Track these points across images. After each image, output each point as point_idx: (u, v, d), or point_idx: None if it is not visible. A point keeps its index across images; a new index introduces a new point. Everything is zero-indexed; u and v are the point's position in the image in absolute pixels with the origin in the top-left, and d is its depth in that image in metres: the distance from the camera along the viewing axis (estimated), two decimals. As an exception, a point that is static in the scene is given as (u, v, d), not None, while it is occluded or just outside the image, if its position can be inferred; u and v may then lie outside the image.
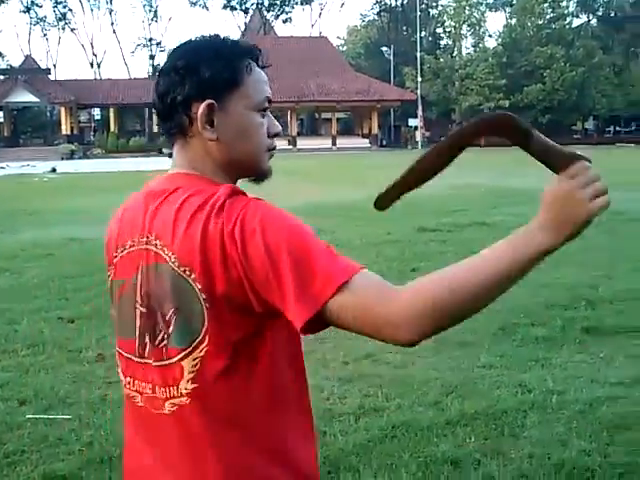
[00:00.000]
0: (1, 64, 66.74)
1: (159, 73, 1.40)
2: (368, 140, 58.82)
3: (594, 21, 75.87)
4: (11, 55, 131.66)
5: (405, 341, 1.19)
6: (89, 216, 15.09)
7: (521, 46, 61.23)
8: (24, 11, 71.43)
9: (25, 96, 53.21)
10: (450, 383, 4.79)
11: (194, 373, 1.30)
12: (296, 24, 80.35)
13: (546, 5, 62.85)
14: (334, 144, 54.40)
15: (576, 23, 70.99)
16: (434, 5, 74.89)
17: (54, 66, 74.21)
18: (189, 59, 1.37)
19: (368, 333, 1.22)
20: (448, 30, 68.97)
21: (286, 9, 77.68)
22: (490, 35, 73.95)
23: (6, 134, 55.38)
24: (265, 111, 1.46)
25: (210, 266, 1.25)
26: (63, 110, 55.44)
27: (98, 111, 62.92)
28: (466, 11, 64.82)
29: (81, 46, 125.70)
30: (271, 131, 1.47)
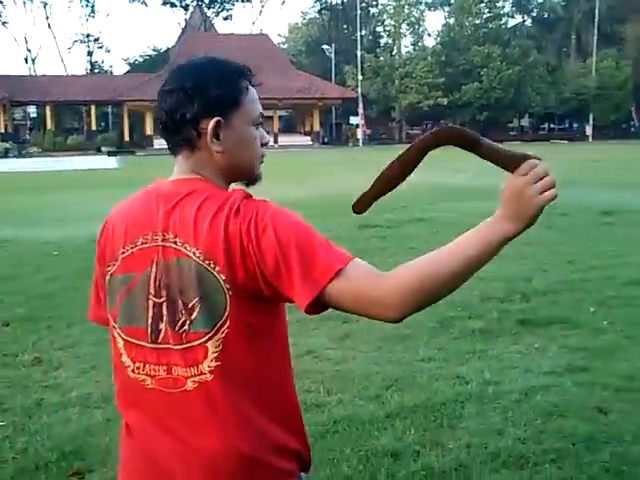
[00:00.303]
0: None
1: (164, 91, 1.59)
2: (310, 138, 59.00)
3: (529, 21, 77.59)
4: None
5: (392, 319, 1.44)
6: (23, 217, 14.81)
7: (459, 45, 62.13)
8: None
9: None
10: (390, 377, 4.85)
11: (217, 352, 1.50)
12: (237, 21, 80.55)
13: (483, 5, 63.91)
14: (276, 142, 54.34)
15: (512, 23, 72.49)
16: (374, 4, 75.45)
17: (-16, 61, 72.21)
18: (196, 80, 1.56)
19: (360, 312, 1.46)
20: (388, 29, 69.47)
21: (226, 6, 77.37)
22: (429, 34, 75.09)
23: None
24: (259, 125, 1.67)
25: (232, 260, 1.47)
26: (-5, 107, 54.17)
27: (34, 108, 61.57)
28: (405, 10, 65.44)
29: (14, 40, 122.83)
30: (262, 141, 1.68)
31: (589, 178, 21.36)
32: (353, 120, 61.20)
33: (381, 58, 62.81)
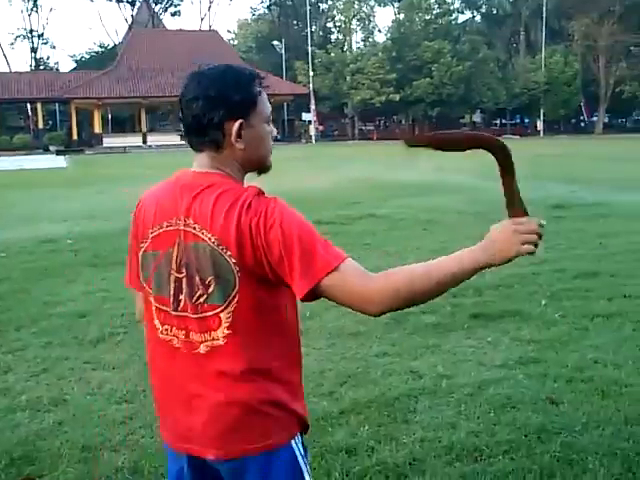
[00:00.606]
0: None
1: (189, 99, 1.83)
2: (262, 135, 58.76)
3: (478, 17, 78.45)
4: None
5: (372, 313, 1.74)
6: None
7: (410, 41, 62.48)
8: None
9: None
10: (344, 373, 4.85)
11: (229, 322, 1.79)
12: (185, 18, 79.95)
13: (432, 1, 64.46)
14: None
15: (461, 19, 73.37)
16: None
17: None
18: (219, 88, 1.81)
19: (346, 304, 1.73)
20: (338, 24, 69.66)
21: (174, 2, 76.68)
22: (379, 30, 75.42)
23: None
24: (270, 122, 1.92)
25: (242, 248, 1.73)
26: None
27: (-24, 106, 60.15)
28: (355, 6, 65.69)
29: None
30: (272, 135, 1.95)
31: (540, 173, 21.65)
32: (305, 116, 61.19)
33: (332, 54, 62.87)
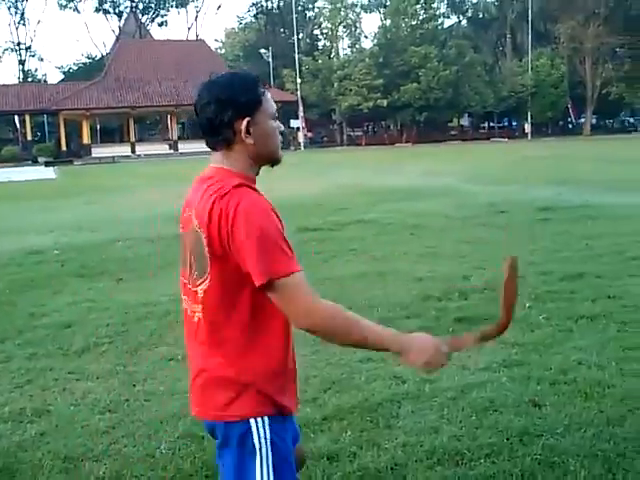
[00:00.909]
0: None
1: (203, 103, 2.09)
2: (251, 142, 58.76)
3: (464, 22, 78.73)
4: None
5: (300, 327, 1.98)
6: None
7: (396, 46, 62.63)
8: None
9: None
10: (328, 379, 4.85)
11: (201, 298, 2.09)
12: (172, 28, 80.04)
13: (418, 6, 64.57)
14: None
15: (447, 24, 73.65)
16: (310, 7, 75.63)
17: None
18: (227, 92, 2.07)
19: (285, 311, 1.98)
20: (325, 32, 69.73)
21: (161, 12, 76.67)
22: (366, 36, 75.32)
23: None
24: (276, 118, 2.18)
25: (211, 233, 1.99)
26: None
27: (-35, 119, 59.99)
28: (342, 12, 65.79)
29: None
30: (279, 130, 2.21)
31: (528, 175, 21.79)
32: (294, 123, 61.19)
33: (319, 61, 62.99)
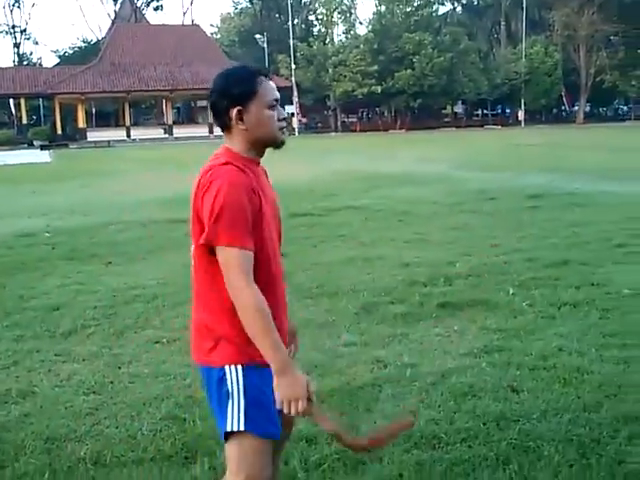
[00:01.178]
0: None
1: (210, 91, 2.44)
2: (245, 128, 58.62)
3: (459, 9, 78.47)
4: None
5: (228, 293, 2.30)
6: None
7: (391, 33, 62.44)
8: None
9: None
10: (311, 362, 4.86)
11: (193, 255, 2.44)
12: (168, 12, 79.38)
13: (413, -7, 64.33)
14: (211, 132, 53.84)
15: (442, 10, 73.37)
16: (306, -8, 75.25)
17: None
18: (224, 83, 2.41)
19: (224, 278, 2.29)
20: (320, 17, 69.46)
21: (157, -4, 76.16)
22: (361, 22, 75.22)
23: None
24: (274, 107, 2.43)
25: (195, 202, 2.35)
26: None
27: (-40, 102, 59.71)
28: (337, -2, 65.48)
29: None
30: (280, 117, 2.46)
31: (519, 162, 21.83)
32: (288, 109, 61.03)
33: (314, 47, 62.72)
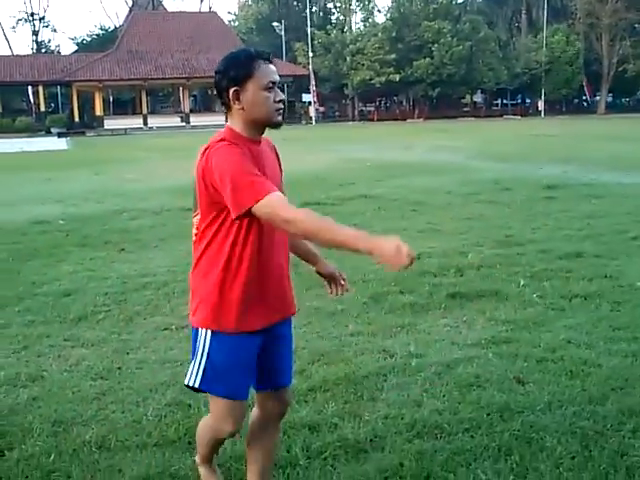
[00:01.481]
0: None
1: (215, 72, 2.62)
2: (262, 116, 58.61)
3: (479, -4, 77.74)
4: None
5: (287, 233, 2.56)
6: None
7: (409, 21, 62.08)
8: None
9: None
10: (317, 351, 4.91)
11: (194, 226, 2.72)
12: (185, -1, 78.83)
13: (433, -19, 63.83)
14: (227, 120, 53.78)
15: (462, -2, 72.56)
16: (324, -20, 74.87)
17: None
18: (223, 65, 2.59)
19: (273, 225, 2.45)
20: (338, 5, 69.15)
21: (175, -17, 76.09)
22: (379, 10, 74.93)
23: None
24: (271, 89, 2.57)
25: (198, 177, 2.55)
26: (-61, 89, 52.68)
27: (-20, 90, 60.09)
28: (355, -14, 65.15)
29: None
30: (276, 99, 2.60)
31: (538, 153, 21.69)
32: (305, 98, 61.00)
33: (332, 35, 62.45)
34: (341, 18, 68.55)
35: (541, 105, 66.11)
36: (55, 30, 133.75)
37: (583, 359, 4.67)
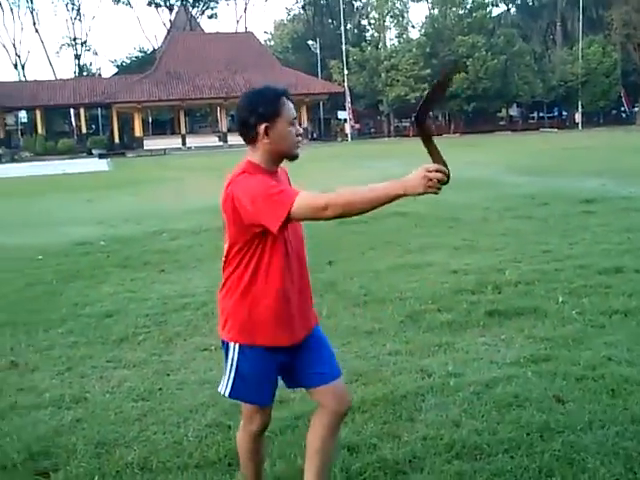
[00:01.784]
0: None
1: (238, 107, 2.79)
2: (299, 134, 59.00)
3: (513, 10, 77.51)
4: None
5: (330, 219, 2.58)
6: (9, 222, 14.84)
7: (443, 36, 62.07)
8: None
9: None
10: (355, 371, 4.91)
11: (224, 249, 2.87)
12: (222, 20, 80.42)
13: (466, -5, 63.83)
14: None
15: (496, 12, 72.43)
16: (358, -2, 75.28)
17: (-26, 69, 72.08)
18: (252, 102, 2.76)
19: (310, 217, 2.59)
20: (372, 22, 69.43)
21: (211, 4, 77.24)
22: (413, 26, 74.99)
23: None
24: (294, 124, 2.79)
25: (224, 209, 2.75)
26: (-13, 114, 54.07)
27: (25, 113, 61.44)
28: (389, 2, 65.35)
29: (2, 47, 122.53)
30: (297, 133, 2.82)
31: (575, 166, 21.46)
32: (341, 115, 61.17)
33: (366, 52, 62.67)
34: (375, 35, 68.78)
35: (578, 117, 65.48)
36: (96, 53, 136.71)
37: (624, 377, 4.59)
